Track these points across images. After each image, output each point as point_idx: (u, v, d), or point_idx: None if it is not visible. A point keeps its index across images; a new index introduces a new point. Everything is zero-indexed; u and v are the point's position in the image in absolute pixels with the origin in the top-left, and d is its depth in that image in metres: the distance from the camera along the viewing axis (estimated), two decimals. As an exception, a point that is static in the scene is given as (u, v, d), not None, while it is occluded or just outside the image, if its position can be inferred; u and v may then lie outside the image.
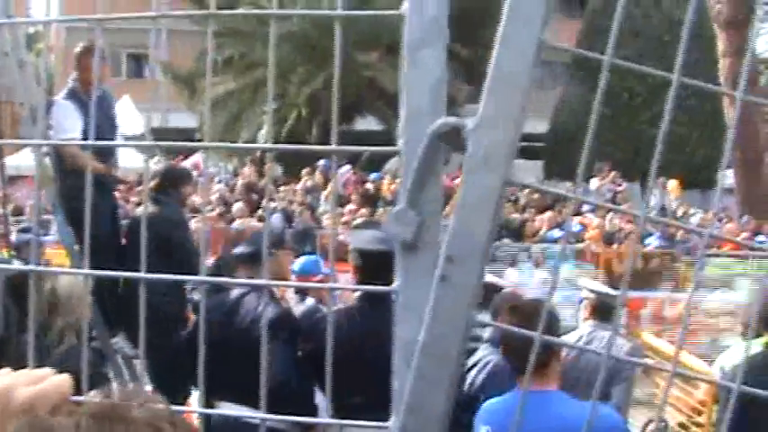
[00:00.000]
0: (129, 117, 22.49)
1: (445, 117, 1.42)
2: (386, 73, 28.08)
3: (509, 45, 1.38)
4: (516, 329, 2.12)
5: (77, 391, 1.31)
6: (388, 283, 1.55)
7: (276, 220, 12.16)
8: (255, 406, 5.27)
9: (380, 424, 1.46)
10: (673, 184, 22.17)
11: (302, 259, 8.52)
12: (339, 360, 1.80)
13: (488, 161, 1.37)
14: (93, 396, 1.24)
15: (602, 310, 6.51)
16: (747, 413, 2.28)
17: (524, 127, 1.40)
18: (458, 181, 1.79)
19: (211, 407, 5.60)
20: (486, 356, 5.87)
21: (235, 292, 6.09)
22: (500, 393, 4.42)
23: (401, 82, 1.47)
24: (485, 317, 5.98)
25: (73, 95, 7.71)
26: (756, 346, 5.56)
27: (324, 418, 1.78)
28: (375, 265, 5.31)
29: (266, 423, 1.73)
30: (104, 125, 7.69)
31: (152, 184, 8.19)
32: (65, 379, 1.32)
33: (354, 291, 6.14)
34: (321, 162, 22.00)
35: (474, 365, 5.83)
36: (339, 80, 1.60)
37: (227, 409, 5.62)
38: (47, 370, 1.33)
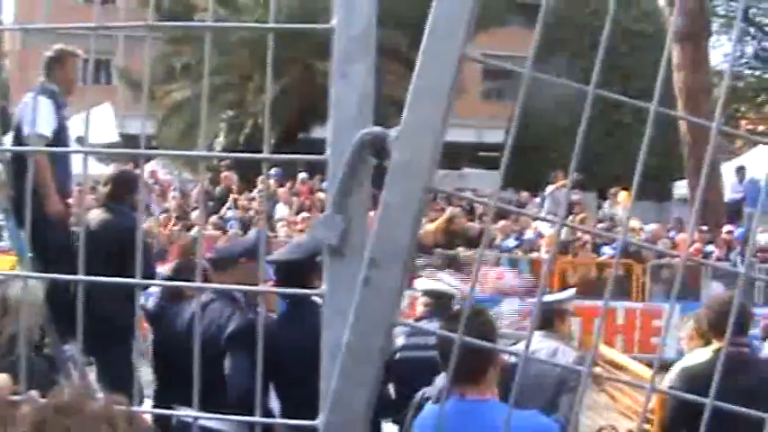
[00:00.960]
0: (105, 125, 22.41)
1: (370, 127, 1.47)
2: (344, 81, 28.08)
3: (431, 58, 1.43)
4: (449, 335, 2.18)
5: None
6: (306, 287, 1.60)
7: (254, 231, 12.19)
8: (212, 412, 5.32)
9: (307, 423, 1.51)
10: (623, 195, 22.36)
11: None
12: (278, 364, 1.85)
13: (410, 168, 1.43)
14: (35, 396, 1.27)
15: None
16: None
17: (486, 137, 1.46)
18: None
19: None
20: None
21: (202, 299, 6.16)
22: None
23: (330, 94, 1.52)
24: (434, 325, 6.03)
25: (52, 95, 7.60)
26: (707, 353, 5.71)
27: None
28: (288, 273, 5.54)
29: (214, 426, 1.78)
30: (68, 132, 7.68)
31: (104, 190, 8.18)
32: (2, 378, 1.35)
33: (282, 294, 6.29)
34: (273, 170, 21.99)
35: None
36: (271, 90, 1.65)
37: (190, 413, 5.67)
38: None
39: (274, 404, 6.05)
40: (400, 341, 6.73)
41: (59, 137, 7.35)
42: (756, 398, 4.16)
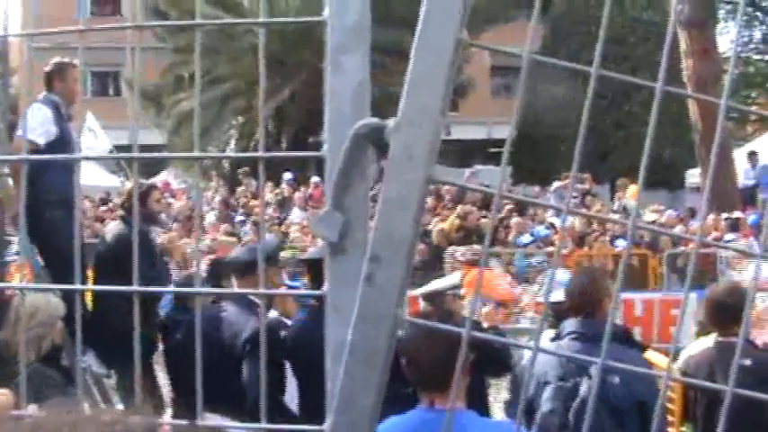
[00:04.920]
0: (97, 134, 22.46)
1: (367, 119, 1.43)
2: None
3: (427, 44, 1.39)
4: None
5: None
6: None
7: (270, 237, 12.22)
8: (235, 417, 5.32)
9: (315, 428, 1.47)
10: (632, 189, 22.24)
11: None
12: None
13: (410, 159, 1.39)
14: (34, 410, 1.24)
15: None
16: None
17: (496, 133, 1.42)
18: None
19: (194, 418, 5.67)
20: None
21: (222, 305, 6.27)
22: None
23: (324, 87, 1.48)
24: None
25: (54, 106, 7.61)
26: (709, 342, 5.79)
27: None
28: (320, 272, 5.55)
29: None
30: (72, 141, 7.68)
31: (119, 201, 8.22)
32: (3, 393, 1.32)
33: (288, 296, 6.33)
34: (287, 176, 22.06)
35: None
36: (264, 90, 1.61)
37: (212, 420, 5.72)
38: None
39: (292, 405, 6.08)
40: None
41: (60, 146, 7.32)
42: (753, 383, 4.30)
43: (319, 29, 1.51)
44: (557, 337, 5.16)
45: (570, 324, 5.14)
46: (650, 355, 6.56)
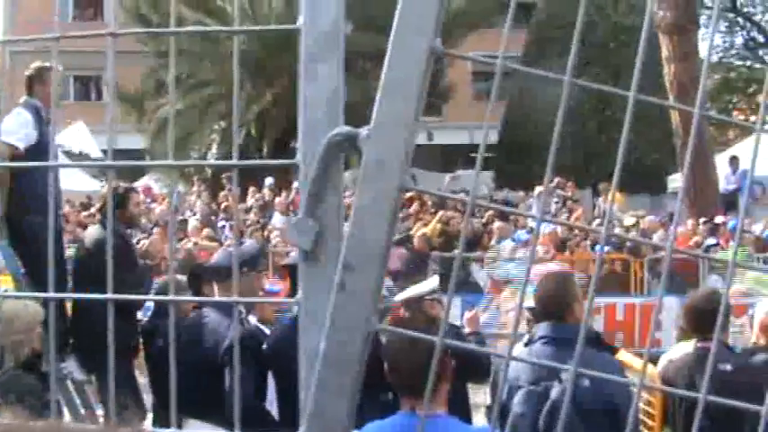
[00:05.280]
0: (86, 140, 22.43)
1: (341, 127, 1.43)
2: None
3: (400, 52, 1.39)
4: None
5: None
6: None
7: (251, 242, 12.19)
8: (218, 423, 5.32)
9: (287, 435, 1.47)
10: (615, 195, 22.27)
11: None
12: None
13: (383, 167, 1.39)
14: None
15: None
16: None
17: (478, 138, 1.42)
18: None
19: (178, 424, 5.68)
20: None
21: (204, 311, 6.27)
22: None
23: (298, 95, 1.48)
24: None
25: (34, 110, 7.56)
26: (689, 347, 5.85)
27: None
28: None
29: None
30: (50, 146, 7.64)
31: (98, 206, 8.19)
32: None
33: (260, 303, 6.34)
34: (268, 181, 22.05)
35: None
36: (238, 96, 1.61)
37: (193, 428, 5.75)
38: None
39: (273, 408, 6.10)
40: None
41: (40, 151, 7.28)
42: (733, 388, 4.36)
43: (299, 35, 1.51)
44: (529, 342, 5.18)
45: (541, 328, 5.16)
46: (623, 355, 6.58)
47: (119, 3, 28.91)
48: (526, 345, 5.18)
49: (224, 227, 18.59)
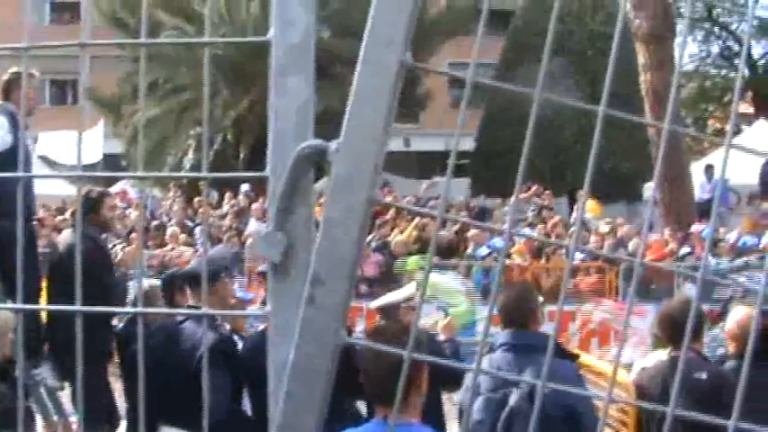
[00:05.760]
0: (93, 145, 22.30)
1: (310, 140, 1.43)
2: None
3: (370, 65, 1.40)
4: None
5: None
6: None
7: (223, 248, 12.17)
8: (194, 429, 5.33)
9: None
10: (590, 203, 22.31)
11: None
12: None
13: (352, 181, 1.39)
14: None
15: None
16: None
17: (453, 144, 1.42)
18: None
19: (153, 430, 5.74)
20: None
21: (177, 318, 6.25)
22: None
23: (268, 107, 1.48)
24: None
25: (10, 116, 7.52)
26: (664, 355, 5.89)
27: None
28: None
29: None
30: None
31: (70, 211, 8.15)
32: None
33: (225, 316, 6.34)
34: (244, 187, 22.00)
35: None
36: (209, 108, 1.61)
37: None
38: None
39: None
40: None
41: (14, 156, 7.23)
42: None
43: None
44: (490, 350, 5.19)
45: (502, 336, 5.19)
46: (586, 358, 6.63)
47: (95, 7, 28.83)
48: (488, 352, 5.18)
49: (197, 231, 18.53)
